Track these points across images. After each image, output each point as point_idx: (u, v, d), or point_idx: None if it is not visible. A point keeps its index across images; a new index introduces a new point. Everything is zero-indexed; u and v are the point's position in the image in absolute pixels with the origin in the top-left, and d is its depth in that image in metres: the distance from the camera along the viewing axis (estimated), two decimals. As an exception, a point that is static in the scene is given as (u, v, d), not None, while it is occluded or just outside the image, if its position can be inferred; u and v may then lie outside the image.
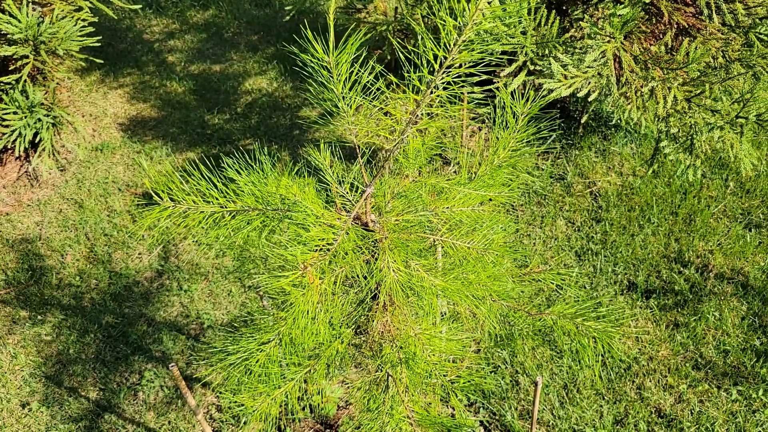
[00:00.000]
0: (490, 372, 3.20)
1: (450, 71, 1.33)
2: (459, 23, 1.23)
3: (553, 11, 2.65)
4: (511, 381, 3.17)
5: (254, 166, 1.72)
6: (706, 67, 2.69)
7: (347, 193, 1.70)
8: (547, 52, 2.59)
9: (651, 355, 3.24)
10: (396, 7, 4.41)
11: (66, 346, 3.42)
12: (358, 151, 1.56)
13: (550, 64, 2.44)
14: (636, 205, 4.00)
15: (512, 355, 3.25)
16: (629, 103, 2.59)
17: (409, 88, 1.37)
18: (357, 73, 1.52)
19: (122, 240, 3.96)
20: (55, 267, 3.83)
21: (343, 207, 1.69)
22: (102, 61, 4.93)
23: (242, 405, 1.81)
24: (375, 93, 1.52)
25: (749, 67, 2.61)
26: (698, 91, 2.45)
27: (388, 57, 4.38)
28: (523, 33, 2.64)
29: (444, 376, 1.71)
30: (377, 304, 1.73)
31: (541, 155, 4.40)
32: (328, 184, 1.75)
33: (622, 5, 2.34)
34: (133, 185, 4.36)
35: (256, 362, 1.78)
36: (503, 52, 2.77)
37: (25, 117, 4.04)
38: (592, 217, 3.98)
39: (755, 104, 2.40)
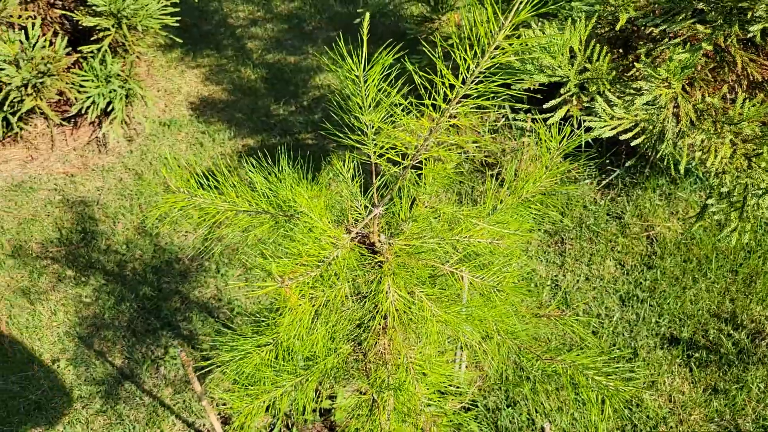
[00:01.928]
0: (507, 406, 3.10)
1: (467, 101, 1.28)
2: (477, 56, 1.18)
3: (605, 47, 2.53)
4: (528, 419, 3.06)
5: (276, 173, 1.72)
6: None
7: (361, 208, 1.67)
8: (595, 88, 2.47)
9: (681, 418, 3.06)
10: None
11: (102, 310, 3.55)
12: (372, 170, 1.53)
13: (595, 101, 2.33)
14: (694, 256, 3.79)
15: (534, 392, 3.13)
16: (688, 153, 2.45)
17: (425, 115, 1.33)
18: (382, 91, 1.49)
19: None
20: (106, 233, 3.98)
21: (356, 222, 1.66)
22: (181, 41, 5.09)
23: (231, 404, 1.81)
24: (398, 114, 1.49)
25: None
26: (760, 151, 2.28)
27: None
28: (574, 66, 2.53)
29: (430, 407, 1.66)
30: (376, 326, 1.69)
31: (601, 190, 4.23)
32: (346, 197, 1.73)
33: (684, 50, 2.20)
34: (193, 165, 4.47)
35: (250, 363, 1.78)
36: (549, 84, 2.67)
37: (101, 86, 4.21)
38: (644, 262, 3.80)
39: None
